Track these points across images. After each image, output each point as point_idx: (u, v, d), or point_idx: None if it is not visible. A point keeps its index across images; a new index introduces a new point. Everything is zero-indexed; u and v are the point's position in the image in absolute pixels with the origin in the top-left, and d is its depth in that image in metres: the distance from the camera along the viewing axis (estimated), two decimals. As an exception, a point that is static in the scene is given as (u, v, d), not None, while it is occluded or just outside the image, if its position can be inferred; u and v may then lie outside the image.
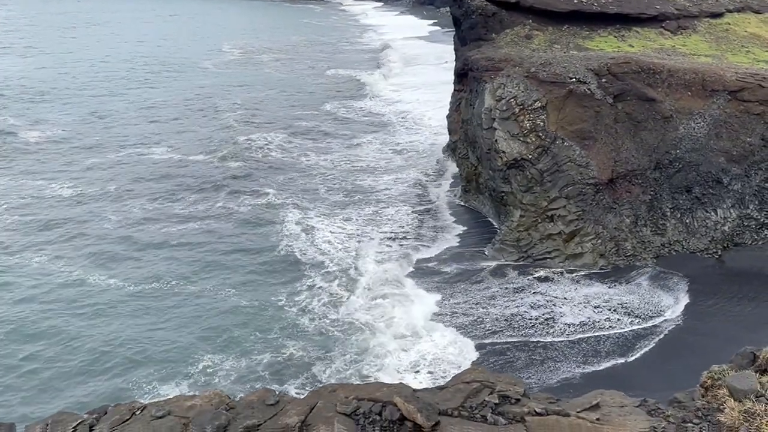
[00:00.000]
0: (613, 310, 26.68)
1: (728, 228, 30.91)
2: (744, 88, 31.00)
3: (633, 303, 27.14)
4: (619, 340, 24.77)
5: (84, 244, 32.13)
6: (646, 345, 24.30)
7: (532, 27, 37.39)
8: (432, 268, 30.27)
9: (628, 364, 23.31)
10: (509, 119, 31.55)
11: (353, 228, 34.37)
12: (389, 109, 61.34)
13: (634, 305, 27.00)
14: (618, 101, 31.44)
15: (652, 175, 31.25)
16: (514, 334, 24.99)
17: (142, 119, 55.72)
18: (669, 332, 25.00)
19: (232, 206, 37.22)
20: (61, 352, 23.49)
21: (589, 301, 27.25)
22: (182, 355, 23.20)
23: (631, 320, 25.94)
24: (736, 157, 30.81)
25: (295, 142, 49.78)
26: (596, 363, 23.34)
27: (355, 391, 8.75)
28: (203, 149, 47.33)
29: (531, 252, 30.52)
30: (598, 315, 26.31)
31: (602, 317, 26.17)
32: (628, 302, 27.19)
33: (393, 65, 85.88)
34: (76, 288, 27.86)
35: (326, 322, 25.59)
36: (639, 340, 24.64)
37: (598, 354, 23.86)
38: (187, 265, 30.09)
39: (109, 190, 39.28)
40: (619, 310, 26.63)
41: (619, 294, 27.80)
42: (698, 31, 39.25)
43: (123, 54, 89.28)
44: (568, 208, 30.37)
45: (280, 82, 72.84)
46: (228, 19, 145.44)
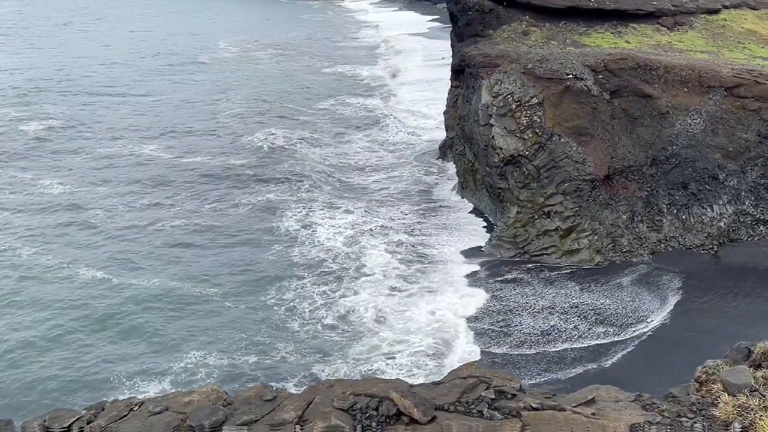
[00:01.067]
0: (583, 317, 25.84)
1: (724, 224, 31.01)
2: (740, 84, 31.06)
3: (609, 309, 26.12)
4: (586, 351, 23.87)
5: (72, 239, 32.18)
6: (618, 353, 23.68)
7: (528, 23, 37.41)
8: (428, 264, 30.30)
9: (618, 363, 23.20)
10: (506, 115, 31.57)
11: (351, 224, 34.37)
12: (386, 106, 61.28)
13: (609, 311, 26.08)
14: (615, 97, 31.49)
15: (648, 171, 31.32)
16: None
17: (137, 115, 55.59)
18: (661, 329, 24.99)
19: (227, 203, 37.17)
20: (45, 347, 23.57)
21: (555, 306, 26.51)
22: (170, 351, 23.31)
23: (605, 329, 24.91)
24: (732, 154, 30.89)
25: (291, 139, 49.67)
26: (565, 370, 22.81)
27: (352, 387, 8.79)
28: (198, 146, 47.24)
29: (528, 248, 30.58)
30: (565, 323, 25.37)
31: (569, 326, 25.23)
32: (603, 308, 26.28)
33: (390, 62, 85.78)
34: (63, 283, 27.94)
35: (324, 321, 25.61)
36: (611, 351, 23.90)
37: (563, 361, 23.34)
38: (179, 262, 30.12)
39: (100, 186, 39.28)
40: (591, 317, 25.73)
41: (595, 298, 27.10)
42: (695, 27, 39.31)
43: (119, 50, 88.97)
44: (564, 204, 30.42)
45: (276, 78, 72.68)
46: (224, 15, 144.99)
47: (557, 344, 24.28)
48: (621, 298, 27.18)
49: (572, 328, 25.14)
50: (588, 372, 22.52)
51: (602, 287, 27.98)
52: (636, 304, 26.74)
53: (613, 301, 26.92)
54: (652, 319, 25.66)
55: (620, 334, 24.81)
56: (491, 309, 26.47)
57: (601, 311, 26.25)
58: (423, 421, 7.87)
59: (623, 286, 28.10)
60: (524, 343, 24.38)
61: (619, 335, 24.73)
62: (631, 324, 25.41)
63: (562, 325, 25.33)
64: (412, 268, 29.87)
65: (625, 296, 27.29)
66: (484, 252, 31.16)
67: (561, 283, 28.39)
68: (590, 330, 25.05)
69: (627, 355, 23.64)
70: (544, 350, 23.93)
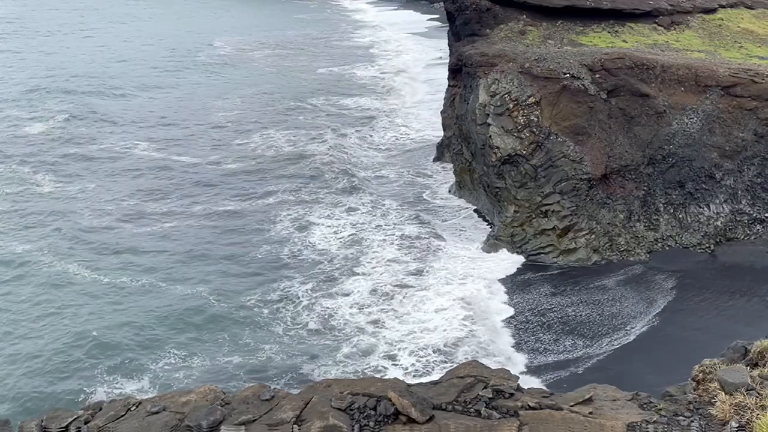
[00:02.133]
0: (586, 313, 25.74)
1: (721, 223, 31.07)
2: (737, 83, 31.12)
3: (581, 315, 25.76)
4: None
5: (60, 237, 32.26)
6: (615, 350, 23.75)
7: (526, 22, 37.43)
8: (425, 264, 30.30)
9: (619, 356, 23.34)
10: (503, 115, 31.59)
11: (347, 224, 34.36)
12: (383, 105, 61.28)
13: (581, 318, 25.72)
14: (612, 97, 31.53)
15: (645, 170, 31.36)
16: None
17: (131, 115, 55.50)
18: (656, 328, 25.02)
19: (220, 202, 37.22)
20: (28, 344, 23.70)
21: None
22: (153, 350, 23.44)
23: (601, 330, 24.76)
24: (728, 153, 30.95)
25: (285, 138, 49.69)
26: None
27: (349, 386, 8.78)
28: (191, 146, 47.24)
29: (525, 247, 30.61)
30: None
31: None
32: (575, 315, 25.96)
33: (387, 61, 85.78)
34: (48, 279, 28.07)
35: (316, 320, 25.60)
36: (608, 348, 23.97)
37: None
38: (170, 261, 30.22)
39: (91, 184, 39.31)
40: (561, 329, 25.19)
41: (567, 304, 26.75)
42: (691, 26, 39.38)
43: (115, 49, 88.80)
44: (561, 203, 30.46)
45: (272, 78, 72.60)
46: (221, 14, 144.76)
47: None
48: (617, 297, 27.24)
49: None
50: (585, 369, 22.55)
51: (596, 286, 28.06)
52: (630, 303, 26.79)
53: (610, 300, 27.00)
54: (643, 319, 25.70)
55: (617, 332, 24.86)
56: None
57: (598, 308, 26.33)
58: (421, 420, 7.88)
59: (621, 285, 28.16)
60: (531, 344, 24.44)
61: (615, 334, 24.78)
62: (625, 324, 25.45)
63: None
64: (405, 267, 29.85)
65: (620, 295, 27.36)
66: (482, 251, 31.17)
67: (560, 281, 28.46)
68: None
69: (624, 353, 23.66)
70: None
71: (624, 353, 23.70)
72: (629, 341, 24.36)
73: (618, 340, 24.46)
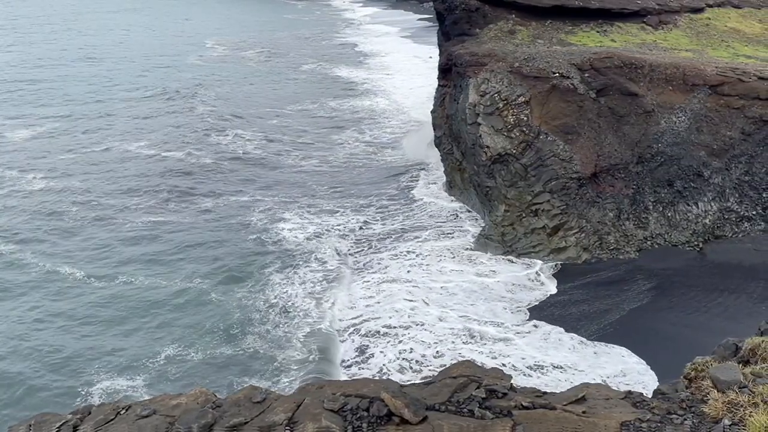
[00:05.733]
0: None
1: (709, 221, 31.27)
2: (724, 82, 31.32)
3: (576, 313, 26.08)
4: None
5: (49, 237, 32.22)
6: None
7: (515, 22, 37.49)
8: (416, 262, 30.28)
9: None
10: (493, 114, 31.62)
11: (334, 224, 34.33)
12: (371, 105, 61.27)
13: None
14: (601, 96, 31.65)
15: (634, 169, 31.51)
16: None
17: (122, 116, 55.25)
18: (646, 326, 25.18)
19: (206, 202, 37.23)
20: (18, 345, 23.67)
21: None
22: (142, 348, 23.46)
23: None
24: (716, 151, 31.15)
25: (274, 137, 49.62)
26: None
27: (342, 388, 8.73)
28: (181, 145, 47.16)
29: (515, 246, 30.67)
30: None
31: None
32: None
33: (376, 61, 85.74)
34: (36, 279, 28.11)
35: (303, 320, 25.53)
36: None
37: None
38: (148, 258, 30.29)
39: (78, 184, 39.27)
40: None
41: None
42: (679, 26, 39.60)
43: (104, 48, 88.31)
44: (552, 202, 30.54)
45: (261, 78, 72.44)
46: (210, 13, 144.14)
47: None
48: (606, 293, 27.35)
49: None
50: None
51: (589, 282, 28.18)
52: (619, 301, 26.91)
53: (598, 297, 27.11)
54: (633, 317, 25.83)
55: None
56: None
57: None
58: (414, 421, 7.83)
59: (611, 282, 28.28)
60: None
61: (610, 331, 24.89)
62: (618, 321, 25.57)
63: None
64: (395, 265, 29.84)
65: (609, 293, 27.47)
66: (473, 250, 31.20)
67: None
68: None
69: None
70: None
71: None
72: (620, 338, 24.43)
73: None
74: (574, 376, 21.76)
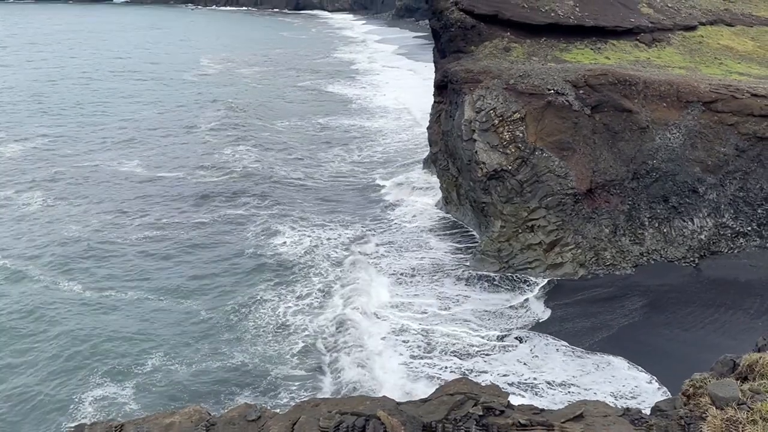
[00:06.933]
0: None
1: (705, 237, 31.32)
2: (718, 99, 31.57)
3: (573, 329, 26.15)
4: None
5: (46, 251, 32.21)
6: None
7: (510, 40, 37.79)
8: (411, 279, 30.23)
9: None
10: (489, 130, 31.76)
11: (330, 239, 34.28)
12: (368, 122, 61.51)
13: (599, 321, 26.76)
14: (595, 112, 31.82)
15: (629, 185, 31.61)
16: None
17: (118, 132, 55.46)
18: (643, 342, 25.12)
19: (201, 217, 37.23)
20: (10, 358, 23.67)
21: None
22: (134, 362, 23.42)
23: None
24: (711, 167, 31.30)
25: (270, 154, 49.69)
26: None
27: (338, 406, 8.65)
28: (176, 162, 47.26)
29: (512, 262, 30.63)
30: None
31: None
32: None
33: (372, 78, 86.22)
34: (30, 291, 28.16)
35: (298, 335, 25.42)
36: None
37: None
38: (144, 273, 30.24)
39: (76, 200, 39.33)
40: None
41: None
42: (672, 43, 39.99)
43: (102, 67, 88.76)
44: (548, 218, 30.57)
45: (256, 96, 72.72)
46: (206, 32, 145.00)
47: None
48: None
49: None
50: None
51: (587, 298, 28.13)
52: (616, 317, 26.86)
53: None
54: (630, 333, 25.76)
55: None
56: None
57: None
58: (411, 439, 7.75)
59: (608, 298, 28.24)
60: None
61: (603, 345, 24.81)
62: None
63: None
64: (390, 281, 29.79)
65: (606, 309, 27.41)
66: (469, 266, 31.15)
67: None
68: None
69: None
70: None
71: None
72: (616, 354, 24.34)
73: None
74: (570, 392, 21.64)
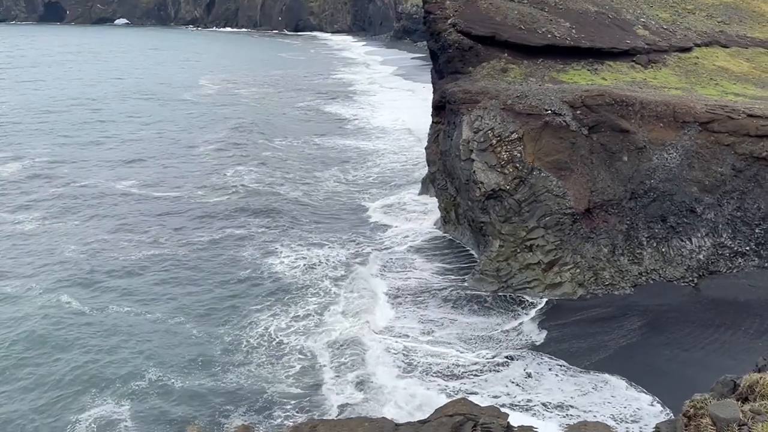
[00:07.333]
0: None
1: (703, 256, 31.32)
2: (714, 119, 31.77)
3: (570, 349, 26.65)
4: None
5: (42, 271, 32.10)
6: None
7: (507, 61, 38.10)
8: (410, 299, 30.12)
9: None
10: (487, 150, 31.89)
11: (327, 258, 34.20)
12: (365, 142, 61.78)
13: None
14: (593, 132, 32.00)
15: (627, 204, 31.67)
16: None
17: (116, 151, 55.69)
18: (643, 362, 24.99)
19: (200, 236, 37.14)
20: (6, 373, 23.68)
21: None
22: (129, 379, 23.35)
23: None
24: (708, 187, 31.40)
25: (268, 173, 49.75)
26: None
27: (336, 428, 8.57)
28: (175, 181, 47.32)
29: (511, 282, 30.57)
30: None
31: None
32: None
33: (369, 99, 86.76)
34: (29, 312, 27.99)
35: (294, 356, 25.24)
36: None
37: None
38: (142, 291, 30.17)
39: (74, 220, 39.29)
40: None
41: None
42: (668, 64, 40.34)
43: (102, 87, 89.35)
44: (546, 237, 30.58)
45: (255, 115, 73.10)
46: (206, 52, 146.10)
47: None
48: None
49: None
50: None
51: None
52: (615, 337, 26.75)
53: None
54: (629, 353, 25.63)
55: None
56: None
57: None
58: (409, 461, 7.67)
59: (607, 318, 28.14)
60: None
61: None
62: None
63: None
64: (389, 301, 29.66)
65: (605, 329, 27.31)
66: (468, 286, 31.07)
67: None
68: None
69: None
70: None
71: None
72: (615, 374, 24.19)
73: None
74: (569, 414, 21.48)
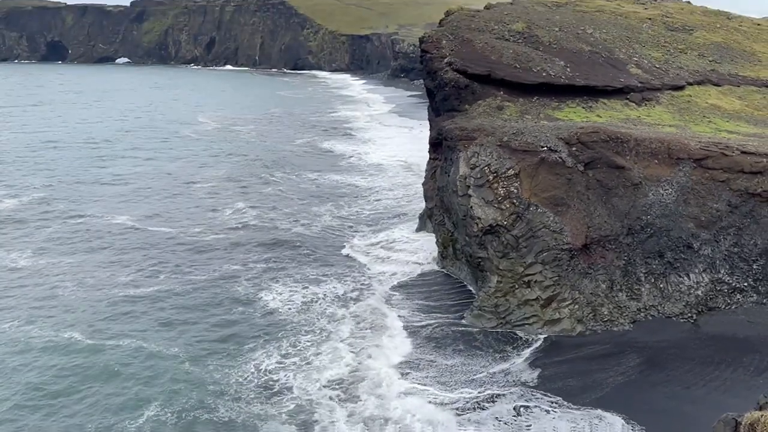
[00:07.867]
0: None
1: (701, 292, 31.23)
2: (708, 156, 32.07)
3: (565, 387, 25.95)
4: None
5: (37, 305, 31.97)
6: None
7: (503, 98, 38.63)
8: (406, 334, 29.90)
9: None
10: (484, 186, 32.09)
11: (324, 295, 33.99)
12: (361, 178, 62.12)
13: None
14: (589, 169, 32.25)
15: (625, 240, 31.73)
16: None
17: (114, 188, 55.87)
18: (643, 400, 24.73)
19: (196, 271, 36.93)
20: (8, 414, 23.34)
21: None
22: (119, 416, 23.06)
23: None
24: (704, 223, 31.52)
25: (267, 210, 49.84)
26: None
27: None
28: (172, 216, 47.33)
29: (509, 318, 30.41)
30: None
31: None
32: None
33: (366, 135, 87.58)
34: (23, 347, 27.83)
35: (287, 396, 24.86)
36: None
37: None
38: (141, 331, 29.80)
39: (69, 256, 39.17)
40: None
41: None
42: (661, 102, 40.92)
43: (101, 124, 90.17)
44: (544, 273, 30.53)
45: (253, 152, 73.69)
46: (206, 90, 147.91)
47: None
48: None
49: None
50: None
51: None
52: (614, 374, 26.49)
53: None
54: (629, 390, 25.35)
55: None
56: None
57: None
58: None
59: (606, 355, 27.91)
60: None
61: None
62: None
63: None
64: (386, 336, 29.44)
65: (605, 366, 27.06)
66: (466, 322, 30.88)
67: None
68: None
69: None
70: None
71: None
72: (614, 411, 23.87)
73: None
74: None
